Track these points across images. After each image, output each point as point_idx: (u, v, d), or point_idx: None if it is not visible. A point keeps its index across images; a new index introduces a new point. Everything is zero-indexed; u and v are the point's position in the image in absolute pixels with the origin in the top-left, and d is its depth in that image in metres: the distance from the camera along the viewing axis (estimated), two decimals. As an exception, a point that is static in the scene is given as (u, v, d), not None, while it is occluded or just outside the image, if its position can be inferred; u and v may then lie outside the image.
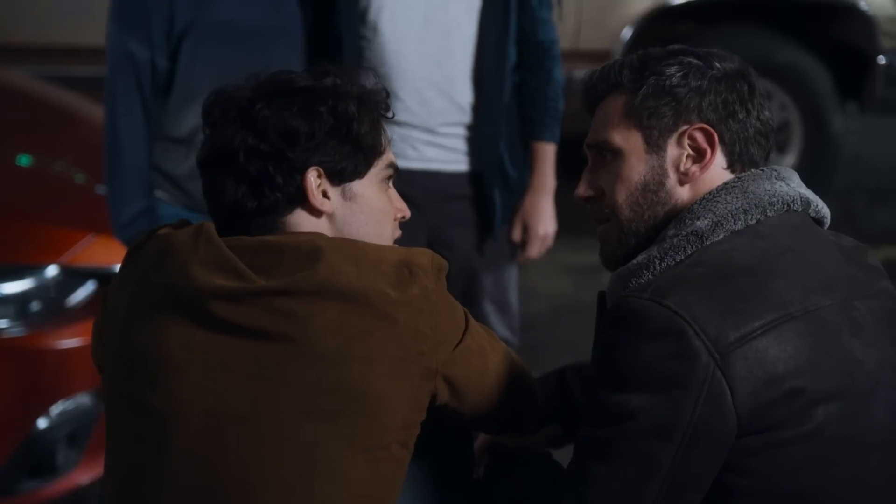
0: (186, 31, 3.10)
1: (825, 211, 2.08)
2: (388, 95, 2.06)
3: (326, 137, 1.95)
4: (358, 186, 2.00)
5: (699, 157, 2.03)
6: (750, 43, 5.88)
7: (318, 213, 1.97)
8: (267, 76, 2.00)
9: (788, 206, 2.02)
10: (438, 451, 2.08)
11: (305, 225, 1.96)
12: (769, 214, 2.00)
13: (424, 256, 1.95)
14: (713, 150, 2.03)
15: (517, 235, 3.43)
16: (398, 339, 1.88)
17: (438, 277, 1.95)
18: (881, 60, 5.78)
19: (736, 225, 1.98)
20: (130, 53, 3.09)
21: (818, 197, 2.08)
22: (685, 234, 1.98)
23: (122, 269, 2.00)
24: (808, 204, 2.05)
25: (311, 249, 1.89)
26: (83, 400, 3.35)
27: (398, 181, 2.13)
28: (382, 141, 2.03)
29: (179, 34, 3.10)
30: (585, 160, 2.13)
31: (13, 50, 5.49)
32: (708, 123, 2.03)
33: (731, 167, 2.05)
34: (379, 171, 2.03)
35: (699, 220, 1.99)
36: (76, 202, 3.70)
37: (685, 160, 2.04)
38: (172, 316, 1.89)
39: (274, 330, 1.86)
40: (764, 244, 1.96)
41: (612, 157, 2.07)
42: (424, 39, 3.24)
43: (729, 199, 2.00)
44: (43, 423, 3.32)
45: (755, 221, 1.99)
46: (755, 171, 2.05)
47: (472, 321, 2.02)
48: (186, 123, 3.15)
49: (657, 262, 1.98)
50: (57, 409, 3.33)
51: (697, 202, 2.01)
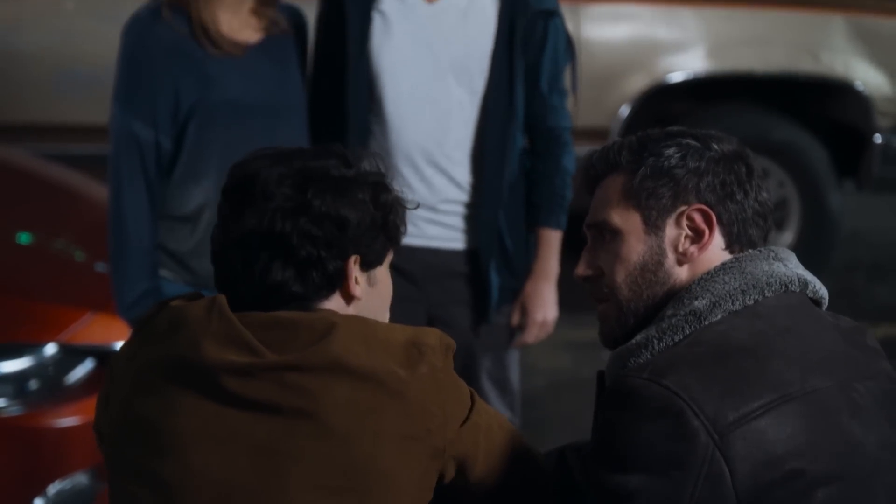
0: (192, 111, 3.12)
1: (823, 292, 2.09)
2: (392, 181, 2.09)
3: (369, 227, 1.98)
4: (379, 272, 2.04)
5: (697, 237, 2.04)
6: (747, 121, 5.93)
7: (350, 298, 1.99)
8: (291, 155, 2.01)
9: (786, 286, 2.03)
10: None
11: (335, 309, 1.98)
12: (767, 295, 2.00)
13: (433, 336, 1.97)
14: (711, 230, 2.04)
15: (516, 320, 3.43)
16: (407, 416, 1.89)
17: (446, 356, 1.97)
18: (877, 139, 5.81)
19: (734, 305, 1.99)
20: (135, 135, 3.11)
21: (816, 277, 2.09)
22: (683, 314, 1.99)
23: (131, 339, 2.00)
24: (805, 285, 2.06)
25: (324, 326, 1.90)
26: (80, 479, 3.34)
27: (398, 256, 2.15)
28: (403, 230, 2.06)
29: (185, 115, 3.12)
30: (585, 239, 2.14)
31: (15, 128, 5.52)
32: (706, 204, 2.04)
33: (729, 248, 2.06)
34: (390, 256, 2.05)
35: (697, 300, 1.99)
36: (76, 280, 3.70)
37: (683, 241, 2.05)
38: (183, 388, 1.90)
39: (285, 405, 1.87)
40: (762, 324, 1.96)
41: (611, 236, 2.08)
42: (426, 118, 3.27)
43: (727, 279, 2.01)
44: (40, 502, 3.30)
45: (753, 302, 1.99)
46: (753, 251, 2.06)
47: (478, 399, 2.03)
48: (192, 202, 3.16)
49: (656, 341, 1.98)
50: (54, 488, 3.31)
51: (695, 282, 2.02)
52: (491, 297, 3.36)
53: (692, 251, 2.05)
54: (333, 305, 1.98)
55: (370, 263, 2.01)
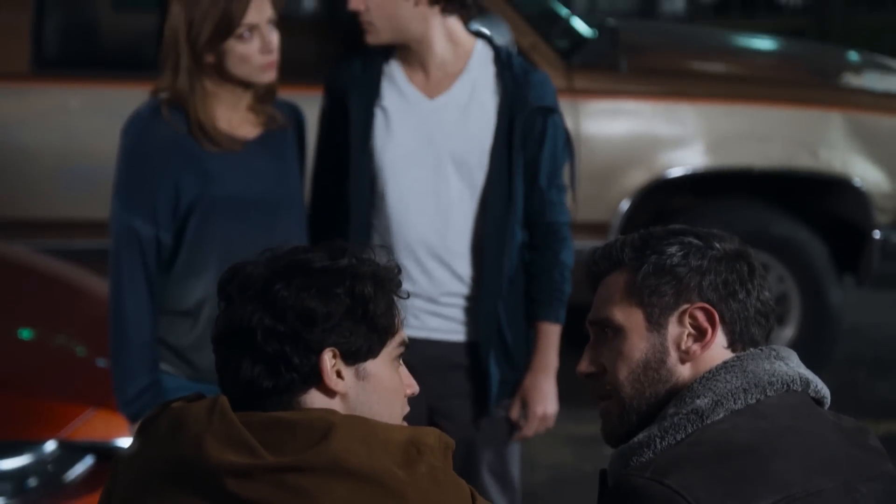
0: (192, 207, 3.14)
1: (825, 391, 2.09)
2: (400, 272, 2.08)
3: (343, 319, 1.96)
4: (371, 366, 2.00)
5: (700, 335, 2.05)
6: (746, 216, 5.95)
7: (332, 393, 1.97)
8: (284, 253, 2.02)
9: (788, 386, 2.02)
10: None
11: (319, 404, 1.96)
12: (769, 394, 2.00)
13: (432, 435, 1.95)
14: (714, 329, 2.04)
15: (515, 414, 3.42)
16: None
17: (445, 456, 1.95)
18: (876, 235, 5.83)
19: (736, 404, 1.98)
20: (135, 230, 3.13)
21: (817, 377, 2.09)
22: (685, 412, 1.98)
23: (134, 440, 2.00)
24: (807, 384, 2.05)
25: (323, 427, 1.89)
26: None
27: None
28: (396, 321, 2.04)
29: (185, 210, 3.15)
30: (587, 336, 2.14)
31: (18, 224, 5.54)
32: (708, 303, 2.04)
33: (731, 346, 2.06)
34: (392, 349, 2.03)
35: (699, 398, 1.99)
36: (76, 376, 3.70)
37: (686, 339, 2.05)
38: (184, 489, 1.89)
39: None
40: (764, 424, 1.96)
41: (613, 334, 2.08)
42: (428, 211, 3.29)
43: (728, 378, 2.01)
44: None
45: (755, 401, 1.99)
46: (754, 350, 2.06)
47: (479, 498, 2.01)
48: (192, 296, 3.17)
49: (658, 440, 1.97)
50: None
51: (697, 381, 2.02)
52: (491, 389, 3.35)
53: (695, 349, 2.05)
54: (318, 400, 1.96)
55: (354, 356, 1.98)
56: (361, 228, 3.32)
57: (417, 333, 3.28)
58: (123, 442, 3.27)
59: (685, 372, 2.05)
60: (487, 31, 3.48)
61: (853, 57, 7.13)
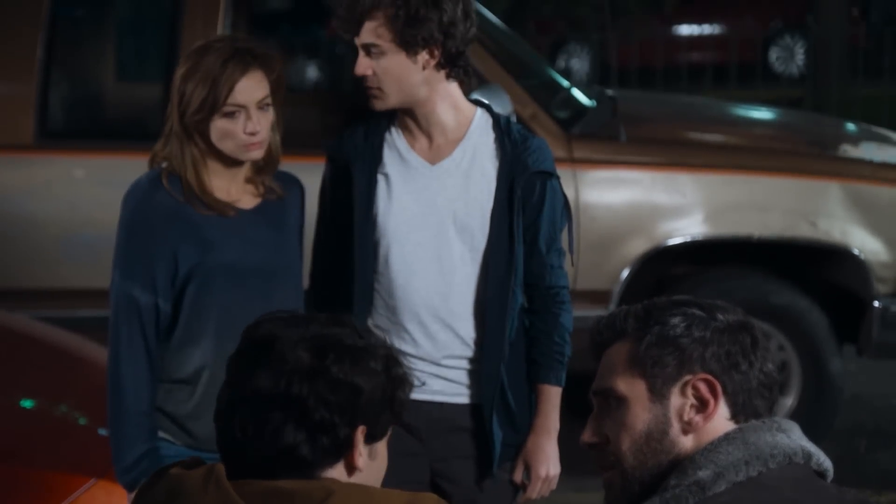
0: (190, 275, 3.17)
1: (827, 464, 2.08)
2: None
3: (379, 399, 1.99)
4: (379, 447, 2.03)
5: (702, 406, 2.05)
6: (746, 284, 5.96)
7: (352, 469, 1.99)
8: (316, 328, 2.02)
9: (790, 458, 2.03)
10: None
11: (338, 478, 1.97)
12: (771, 467, 2.00)
13: (430, 501, 1.96)
14: (716, 400, 2.05)
15: (518, 477, 3.43)
16: None
17: None
18: (876, 305, 5.84)
19: (738, 476, 1.99)
20: (134, 299, 3.15)
21: (819, 449, 2.09)
22: (687, 484, 1.98)
23: None
24: (809, 457, 2.06)
25: (322, 495, 1.89)
26: None
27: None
28: (407, 407, 2.07)
29: (184, 278, 3.17)
30: (591, 406, 2.15)
31: (22, 293, 5.55)
32: (711, 374, 2.05)
33: (734, 418, 2.07)
34: (390, 432, 2.06)
35: (701, 470, 1.99)
36: (78, 446, 3.68)
37: (688, 410, 2.05)
38: None
39: None
40: (766, 496, 1.96)
41: (616, 404, 2.08)
42: (432, 275, 3.32)
43: (730, 450, 2.01)
44: None
45: (757, 473, 1.99)
46: (756, 422, 2.06)
47: None
48: (190, 364, 3.19)
49: (660, 511, 1.98)
50: None
51: (699, 452, 2.02)
52: (494, 451, 3.37)
53: (697, 420, 2.05)
54: (339, 476, 1.98)
55: (374, 436, 2.01)
56: (365, 293, 3.35)
57: (420, 396, 3.29)
58: (125, 512, 3.26)
59: (688, 443, 2.05)
60: (488, 100, 3.53)
61: (851, 128, 7.18)
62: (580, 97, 6.40)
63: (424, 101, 3.29)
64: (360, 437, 1.98)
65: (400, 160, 3.35)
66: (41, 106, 5.62)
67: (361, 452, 1.99)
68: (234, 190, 3.23)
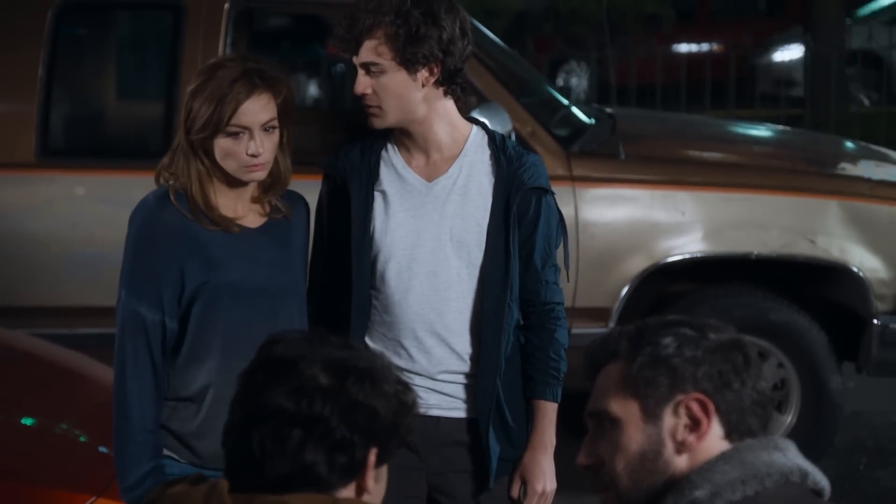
0: (197, 293, 3.18)
1: (824, 482, 2.09)
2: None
3: (391, 423, 2.02)
4: (383, 471, 2.06)
5: (695, 426, 2.06)
6: (745, 302, 5.97)
7: (361, 491, 2.01)
8: (330, 350, 2.04)
9: (786, 477, 2.03)
10: None
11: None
12: (767, 486, 2.01)
13: None
14: (709, 419, 2.06)
15: (515, 492, 3.45)
16: None
17: None
18: (875, 322, 5.85)
19: (734, 495, 1.99)
20: (141, 317, 3.16)
21: (816, 468, 2.09)
22: (684, 503, 1.99)
23: None
24: (805, 476, 2.06)
25: None
26: None
27: None
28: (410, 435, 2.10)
29: (190, 297, 3.18)
30: (586, 428, 2.16)
31: (23, 311, 5.56)
32: (703, 393, 2.06)
33: (728, 436, 2.07)
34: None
35: (697, 490, 2.00)
36: (79, 463, 3.69)
37: (682, 429, 2.06)
38: None
39: None
40: (763, 515, 1.97)
41: (610, 425, 2.09)
42: (428, 291, 3.34)
43: (726, 468, 2.02)
44: None
45: (753, 492, 2.00)
46: (752, 441, 2.07)
47: None
48: (195, 382, 3.19)
49: (656, 531, 1.98)
50: None
51: (695, 471, 2.03)
52: (491, 465, 3.38)
53: (690, 440, 2.06)
54: (347, 495, 1.99)
55: (381, 460, 2.03)
56: (363, 309, 3.37)
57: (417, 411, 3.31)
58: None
59: (682, 463, 2.06)
60: (488, 119, 3.55)
61: (849, 145, 7.20)
62: (579, 115, 6.42)
63: (422, 119, 3.32)
64: (372, 458, 2.00)
65: (397, 177, 3.37)
66: (42, 124, 5.64)
67: (372, 474, 2.01)
68: (240, 208, 3.25)
